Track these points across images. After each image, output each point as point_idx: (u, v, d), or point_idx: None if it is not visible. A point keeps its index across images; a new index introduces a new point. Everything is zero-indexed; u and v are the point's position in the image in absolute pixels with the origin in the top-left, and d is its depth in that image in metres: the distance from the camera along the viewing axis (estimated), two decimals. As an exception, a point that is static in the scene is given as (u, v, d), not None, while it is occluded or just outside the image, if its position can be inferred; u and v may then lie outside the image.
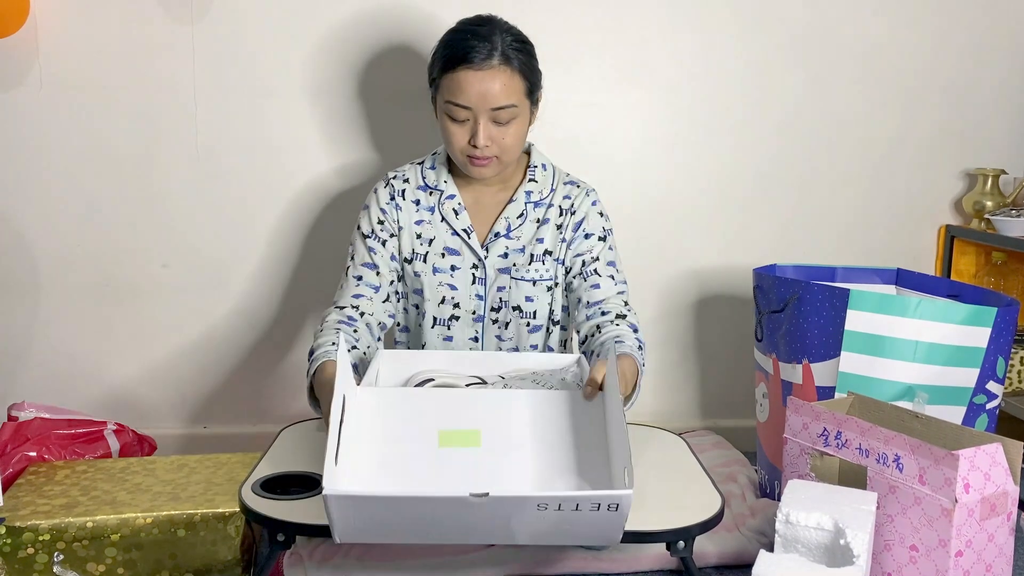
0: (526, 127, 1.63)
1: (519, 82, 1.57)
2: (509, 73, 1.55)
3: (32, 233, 2.00)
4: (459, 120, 1.57)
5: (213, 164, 2.01)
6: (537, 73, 1.62)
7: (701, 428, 2.21)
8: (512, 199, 1.70)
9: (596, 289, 1.69)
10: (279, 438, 1.56)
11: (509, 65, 1.55)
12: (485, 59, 1.53)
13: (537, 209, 1.71)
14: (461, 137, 1.58)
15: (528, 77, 1.59)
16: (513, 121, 1.58)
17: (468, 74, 1.53)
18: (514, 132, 1.59)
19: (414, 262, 1.70)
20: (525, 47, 1.60)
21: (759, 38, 2.11)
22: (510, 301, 1.70)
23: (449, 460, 1.34)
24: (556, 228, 1.71)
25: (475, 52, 1.53)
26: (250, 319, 2.09)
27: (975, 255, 2.22)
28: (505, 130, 1.58)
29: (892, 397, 1.57)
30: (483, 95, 1.54)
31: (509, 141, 1.58)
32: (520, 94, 1.58)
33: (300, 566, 1.45)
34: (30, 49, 1.93)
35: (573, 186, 1.73)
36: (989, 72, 2.20)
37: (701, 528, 1.29)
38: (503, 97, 1.55)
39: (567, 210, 1.71)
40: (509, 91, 1.55)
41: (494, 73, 1.54)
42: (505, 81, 1.55)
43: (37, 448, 1.66)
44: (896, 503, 1.32)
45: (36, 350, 2.04)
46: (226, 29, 1.97)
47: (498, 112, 1.55)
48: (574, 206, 1.71)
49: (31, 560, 1.39)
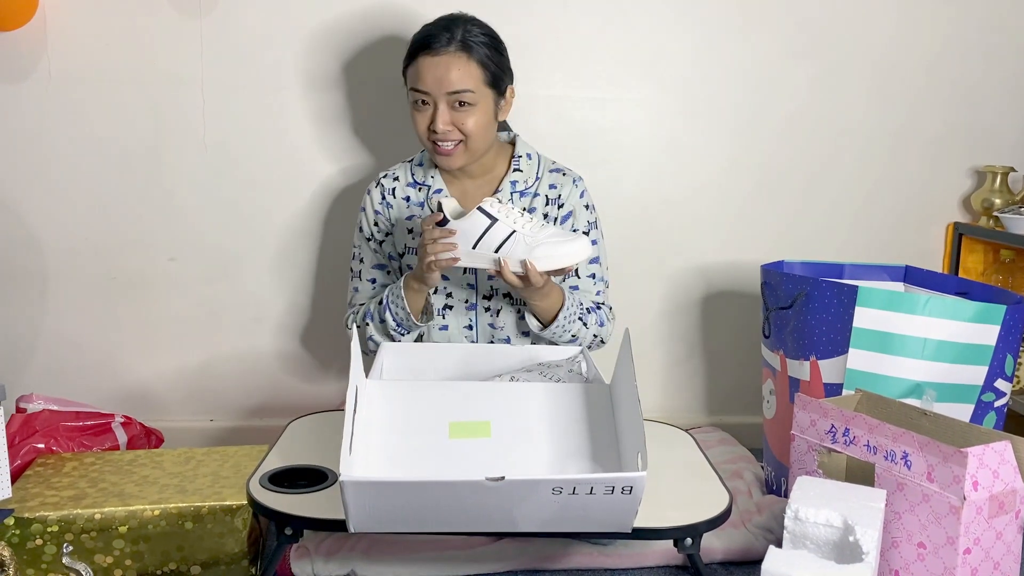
0: (490, 116, 1.65)
1: (476, 69, 1.61)
2: (465, 59, 1.60)
3: (40, 226, 2.00)
4: (420, 105, 1.62)
5: (221, 157, 2.01)
6: (501, 65, 1.65)
7: (708, 424, 2.21)
8: (498, 190, 1.73)
9: (574, 291, 1.75)
10: (286, 431, 1.56)
11: (466, 51, 1.60)
12: (443, 45, 1.59)
13: (523, 198, 1.74)
14: (423, 123, 1.63)
15: (488, 67, 1.62)
16: (472, 108, 1.61)
17: (426, 60, 1.59)
18: (476, 119, 1.62)
19: (406, 256, 1.75)
20: (490, 40, 1.64)
21: (767, 34, 2.11)
22: (501, 289, 1.72)
23: (460, 451, 1.34)
24: (543, 217, 1.74)
25: (434, 39, 1.59)
26: (257, 312, 2.09)
27: (983, 252, 2.21)
28: (465, 115, 1.61)
29: (900, 394, 1.57)
30: (439, 79, 1.59)
31: (471, 127, 1.62)
32: (477, 81, 1.61)
33: (307, 559, 1.45)
34: (39, 42, 1.93)
35: (559, 174, 1.76)
36: (998, 69, 2.19)
37: (709, 525, 1.30)
38: (458, 82, 1.59)
39: (553, 200, 1.74)
40: (465, 77, 1.59)
41: (450, 59, 1.59)
42: (460, 67, 1.59)
43: (45, 440, 1.67)
44: (904, 500, 1.32)
45: (44, 342, 2.05)
46: (234, 22, 1.96)
47: (455, 96, 1.59)
48: (561, 196, 1.74)
49: (40, 551, 1.40)
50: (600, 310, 1.74)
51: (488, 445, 1.36)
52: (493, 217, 1.51)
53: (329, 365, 2.13)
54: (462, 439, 1.36)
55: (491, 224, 1.51)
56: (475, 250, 1.52)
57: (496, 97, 1.66)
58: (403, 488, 1.13)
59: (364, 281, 1.77)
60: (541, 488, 1.14)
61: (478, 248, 1.52)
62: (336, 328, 2.10)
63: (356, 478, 1.13)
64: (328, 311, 2.10)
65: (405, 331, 1.67)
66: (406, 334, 1.68)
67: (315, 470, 1.38)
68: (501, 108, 1.68)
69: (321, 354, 2.12)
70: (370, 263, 1.77)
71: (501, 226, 1.51)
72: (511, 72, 1.69)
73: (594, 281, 1.76)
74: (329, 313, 2.10)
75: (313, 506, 1.28)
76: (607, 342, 1.75)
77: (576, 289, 1.75)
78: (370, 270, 1.77)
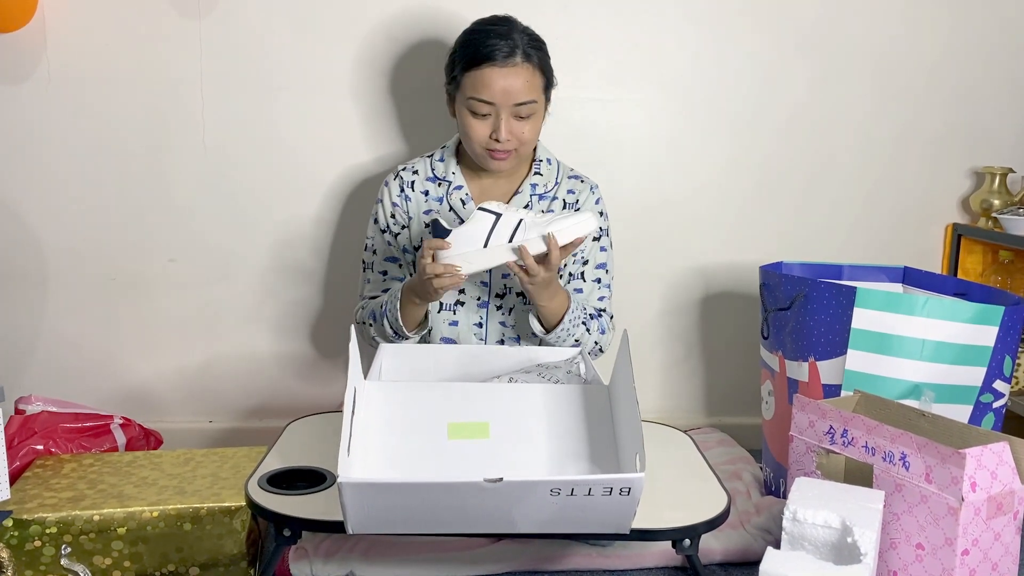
0: (542, 121, 1.69)
1: (539, 78, 1.64)
2: (531, 70, 1.62)
3: (39, 227, 2.00)
4: (481, 115, 1.62)
5: (220, 158, 2.01)
6: (551, 70, 1.69)
7: (706, 425, 2.21)
8: (518, 191, 1.74)
9: (578, 293, 1.76)
10: (285, 433, 1.56)
11: (530, 62, 1.62)
12: (508, 56, 1.59)
13: (542, 201, 1.75)
14: (483, 132, 1.63)
15: (545, 73, 1.66)
16: (532, 116, 1.64)
17: (493, 71, 1.59)
18: (532, 126, 1.65)
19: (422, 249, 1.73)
20: (541, 45, 1.67)
21: (767, 35, 2.11)
22: (514, 288, 1.73)
23: (459, 452, 1.34)
24: None
25: (498, 50, 1.59)
26: (257, 313, 2.09)
27: (982, 253, 2.21)
28: (524, 124, 1.64)
29: (899, 395, 1.57)
30: (507, 91, 1.60)
31: (528, 135, 1.65)
32: (539, 90, 1.64)
33: (306, 560, 1.45)
34: (38, 43, 1.93)
35: (577, 180, 1.79)
36: (997, 70, 2.20)
37: (707, 526, 1.30)
38: (525, 93, 1.61)
39: (571, 205, 1.76)
40: (531, 87, 1.62)
41: (517, 70, 1.60)
42: (527, 78, 1.61)
43: (44, 441, 1.67)
44: (902, 501, 1.32)
45: (43, 343, 2.05)
46: (233, 24, 1.96)
47: (520, 107, 1.62)
48: (578, 201, 1.76)
49: (38, 553, 1.40)
50: (601, 317, 1.74)
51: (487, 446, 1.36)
52: (496, 213, 1.51)
53: (328, 366, 2.13)
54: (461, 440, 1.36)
55: (496, 219, 1.50)
56: (487, 248, 1.51)
57: (546, 102, 1.70)
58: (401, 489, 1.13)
59: (376, 273, 1.77)
60: (539, 489, 1.14)
61: (489, 246, 1.51)
62: (335, 329, 2.10)
63: (354, 479, 1.13)
64: (327, 312, 2.10)
65: (402, 340, 1.68)
66: (404, 341, 1.68)
67: (314, 471, 1.38)
68: (547, 110, 1.71)
69: (320, 355, 2.12)
70: (382, 255, 1.77)
71: (507, 218, 1.51)
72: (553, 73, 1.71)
73: (599, 286, 1.77)
74: (328, 314, 2.10)
75: (312, 507, 1.28)
76: (606, 351, 1.76)
77: (580, 292, 1.76)
78: (382, 262, 1.77)
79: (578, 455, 1.36)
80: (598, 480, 1.13)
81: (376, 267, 1.78)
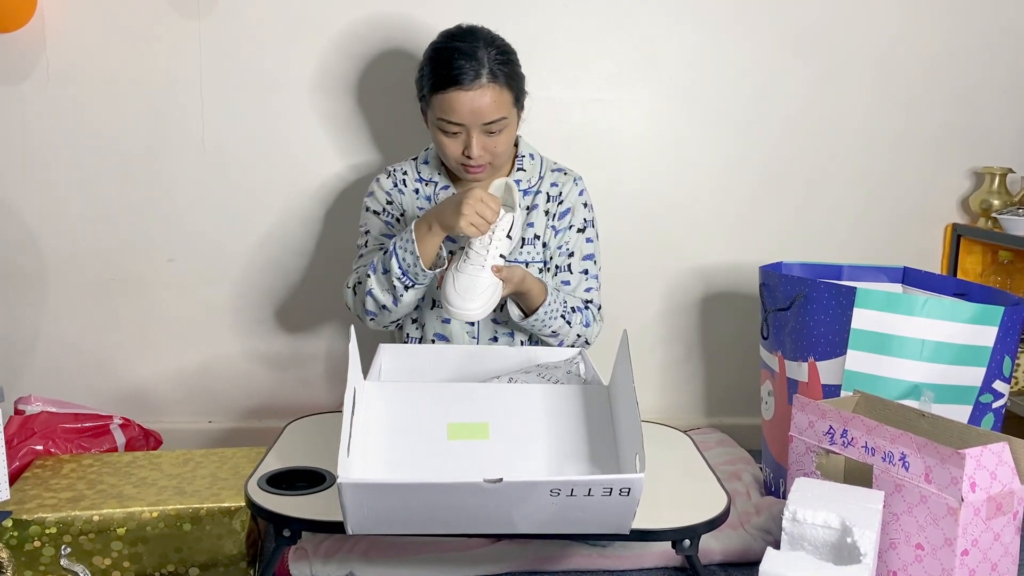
0: (514, 131, 1.69)
1: (507, 95, 1.63)
2: (497, 89, 1.61)
3: (38, 227, 2.00)
4: (451, 134, 1.63)
5: (219, 158, 2.01)
6: (521, 80, 1.68)
7: (706, 426, 2.21)
8: None
9: (565, 285, 1.77)
10: (284, 433, 1.56)
11: (496, 81, 1.60)
12: (474, 79, 1.58)
13: (526, 197, 1.76)
14: (455, 148, 1.64)
15: (513, 88, 1.65)
16: (504, 130, 1.64)
17: (459, 95, 1.58)
18: (504, 140, 1.65)
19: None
20: (509, 58, 1.64)
21: (766, 35, 2.11)
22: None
23: (458, 452, 1.34)
24: (544, 214, 1.76)
25: (463, 73, 1.58)
26: (256, 314, 2.09)
27: (982, 254, 2.21)
28: (496, 139, 1.64)
29: (898, 396, 1.57)
30: (475, 112, 1.59)
31: (500, 148, 1.65)
32: (508, 106, 1.64)
33: (305, 561, 1.45)
34: (37, 43, 1.93)
35: (560, 173, 1.79)
36: (997, 70, 2.20)
37: (707, 526, 1.30)
38: (493, 112, 1.61)
39: (555, 197, 1.77)
40: (499, 105, 1.61)
41: (483, 92, 1.59)
42: (494, 97, 1.60)
43: (43, 442, 1.66)
44: (902, 502, 1.32)
45: (42, 344, 2.04)
46: (232, 24, 1.97)
47: (489, 126, 1.61)
48: (561, 194, 1.77)
49: (38, 553, 1.40)
50: (587, 310, 1.74)
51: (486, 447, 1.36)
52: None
53: (327, 367, 2.13)
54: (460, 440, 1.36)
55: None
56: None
57: (518, 112, 1.70)
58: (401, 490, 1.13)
59: (371, 248, 1.73)
60: (539, 490, 1.14)
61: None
62: (335, 329, 2.10)
63: (354, 480, 1.13)
64: (326, 313, 2.10)
65: (410, 282, 1.58)
66: (410, 286, 1.59)
67: (313, 472, 1.38)
68: (520, 118, 1.72)
69: (319, 356, 2.12)
70: (378, 231, 1.75)
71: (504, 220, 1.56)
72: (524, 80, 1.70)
73: (586, 277, 1.77)
74: (327, 315, 2.10)
75: (311, 508, 1.28)
76: (592, 343, 1.76)
77: (568, 284, 1.76)
78: (379, 237, 1.75)
79: (578, 455, 1.36)
80: (598, 480, 1.13)
81: (371, 243, 1.74)
